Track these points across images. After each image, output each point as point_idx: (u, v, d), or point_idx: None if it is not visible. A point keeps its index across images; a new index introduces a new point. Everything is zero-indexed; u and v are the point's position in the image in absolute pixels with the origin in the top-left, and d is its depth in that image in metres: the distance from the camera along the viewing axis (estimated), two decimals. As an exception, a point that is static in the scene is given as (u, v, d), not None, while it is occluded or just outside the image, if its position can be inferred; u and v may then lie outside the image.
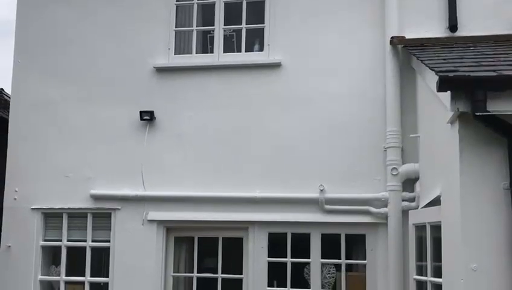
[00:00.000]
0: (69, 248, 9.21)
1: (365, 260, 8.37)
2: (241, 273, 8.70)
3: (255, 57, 9.01)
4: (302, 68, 8.78)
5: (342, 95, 8.55)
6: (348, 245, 8.49)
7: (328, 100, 8.59)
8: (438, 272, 6.20)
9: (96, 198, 9.04)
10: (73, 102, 9.33)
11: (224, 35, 9.19)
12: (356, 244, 8.75)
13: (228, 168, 8.77)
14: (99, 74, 9.33)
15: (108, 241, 9.00)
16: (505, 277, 4.96)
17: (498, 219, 5.01)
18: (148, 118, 8.92)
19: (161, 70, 9.13)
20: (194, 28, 9.29)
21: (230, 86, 8.96)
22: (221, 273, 8.76)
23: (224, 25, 9.15)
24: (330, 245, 8.51)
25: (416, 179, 7.95)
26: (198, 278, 8.93)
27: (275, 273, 8.66)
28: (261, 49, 9.05)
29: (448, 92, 4.85)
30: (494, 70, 5.02)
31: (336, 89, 8.58)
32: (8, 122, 9.58)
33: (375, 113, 8.40)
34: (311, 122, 8.61)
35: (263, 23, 8.98)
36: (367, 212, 8.25)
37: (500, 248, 4.98)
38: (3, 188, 9.44)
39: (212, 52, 9.20)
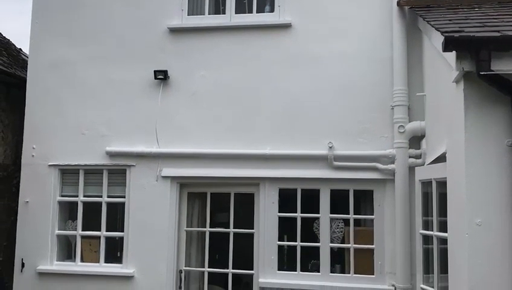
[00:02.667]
0: (85, 204, 9.40)
1: (373, 215, 8.49)
2: (253, 228, 8.86)
3: (265, 18, 9.07)
4: (312, 29, 8.85)
5: (350, 55, 8.63)
6: (356, 201, 8.61)
7: (336, 60, 8.67)
8: (443, 227, 6.30)
9: (112, 155, 9.20)
10: (89, 62, 9.46)
11: (236, -4, 9.25)
12: (364, 200, 8.88)
13: (239, 125, 8.88)
14: (114, 35, 9.45)
15: (124, 197, 9.17)
16: (508, 231, 5.06)
17: (502, 175, 5.09)
18: (162, 77, 9.03)
19: (175, 30, 9.23)
20: (207, -11, 9.39)
21: (241, 46, 9.05)
22: (233, 228, 8.93)
23: (236, -14, 9.22)
24: (339, 201, 8.63)
25: (423, 136, 8.06)
26: (211, 233, 9.10)
27: (285, 228, 8.81)
28: (272, 10, 9.08)
29: (454, 52, 4.94)
30: (498, 31, 5.09)
31: (344, 49, 8.66)
32: (26, 82, 9.71)
33: (382, 72, 8.47)
34: (321, 81, 8.70)
35: (274, -16, 9.04)
36: (375, 169, 8.37)
37: (504, 204, 5.06)
38: (22, 145, 9.61)
39: (224, 13, 9.25)
